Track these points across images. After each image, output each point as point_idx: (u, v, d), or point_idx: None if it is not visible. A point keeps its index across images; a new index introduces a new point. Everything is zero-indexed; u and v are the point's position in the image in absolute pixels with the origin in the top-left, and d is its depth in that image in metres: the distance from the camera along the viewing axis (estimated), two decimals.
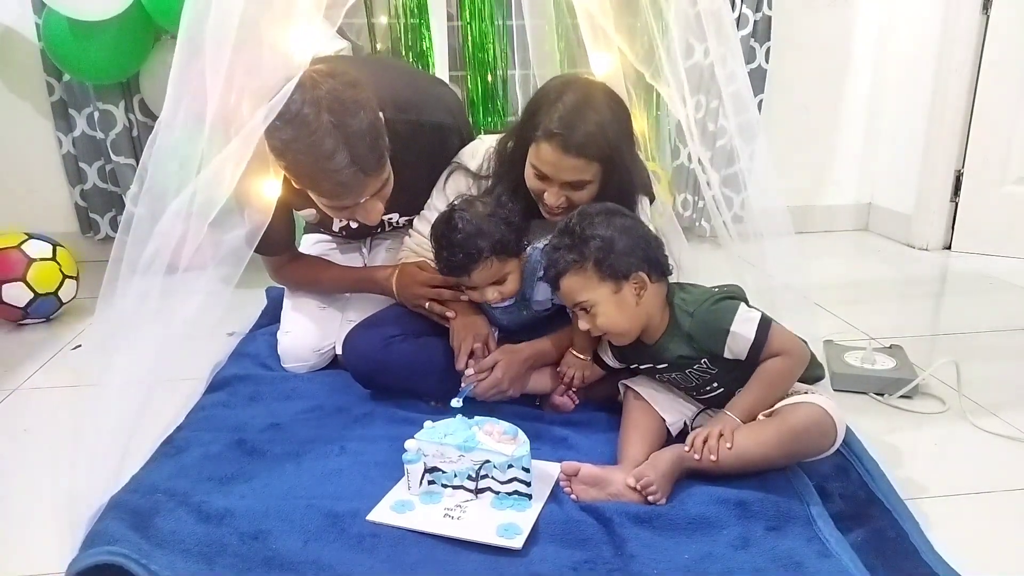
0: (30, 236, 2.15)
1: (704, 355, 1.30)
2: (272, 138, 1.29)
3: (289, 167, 1.36)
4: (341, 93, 1.30)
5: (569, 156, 1.38)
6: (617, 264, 1.28)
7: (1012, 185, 2.67)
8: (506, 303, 1.53)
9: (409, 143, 1.52)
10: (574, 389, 1.52)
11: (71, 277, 2.17)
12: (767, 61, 2.80)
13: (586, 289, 1.29)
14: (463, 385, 1.45)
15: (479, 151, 1.62)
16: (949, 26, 2.64)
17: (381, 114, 1.39)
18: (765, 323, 1.27)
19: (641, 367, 1.40)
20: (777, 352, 1.26)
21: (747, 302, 1.32)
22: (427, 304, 1.58)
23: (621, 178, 1.45)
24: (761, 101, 2.80)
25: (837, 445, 1.26)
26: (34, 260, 2.09)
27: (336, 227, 1.74)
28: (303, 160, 1.32)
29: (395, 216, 1.73)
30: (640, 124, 1.59)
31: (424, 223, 1.65)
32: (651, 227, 1.66)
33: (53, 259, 2.13)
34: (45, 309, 2.14)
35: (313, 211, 1.67)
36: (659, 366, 1.36)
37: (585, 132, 1.37)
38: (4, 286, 2.06)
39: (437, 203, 1.64)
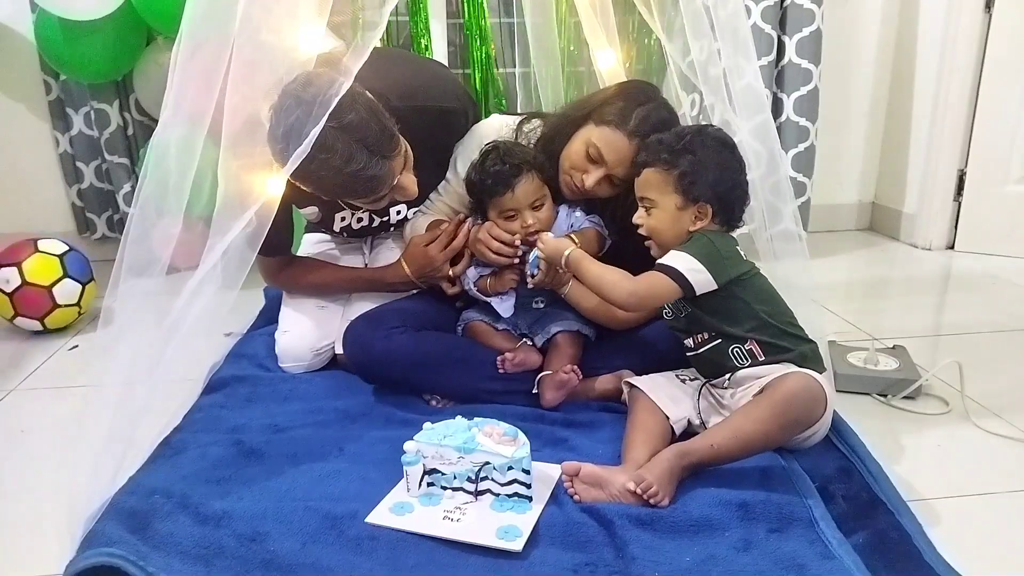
0: (66, 273, 2.05)
1: None
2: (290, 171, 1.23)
3: (316, 187, 1.34)
4: (325, 93, 1.19)
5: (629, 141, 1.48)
6: (695, 187, 1.35)
7: (1015, 184, 2.65)
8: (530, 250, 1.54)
9: (416, 129, 1.51)
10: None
11: (86, 313, 2.15)
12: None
13: (657, 189, 1.38)
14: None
15: (505, 126, 1.68)
16: (951, 25, 2.63)
17: (388, 102, 1.38)
18: (668, 269, 1.32)
19: None
20: (638, 280, 1.34)
21: (718, 255, 1.34)
22: (449, 270, 1.61)
23: None
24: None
25: (828, 415, 1.29)
26: (59, 306, 2.06)
27: (337, 227, 1.72)
28: (327, 176, 1.29)
29: (402, 208, 1.71)
30: None
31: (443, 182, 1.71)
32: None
33: (77, 304, 2.09)
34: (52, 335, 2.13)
35: (315, 209, 1.65)
36: None
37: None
38: (19, 318, 2.05)
39: (460, 168, 1.68)
